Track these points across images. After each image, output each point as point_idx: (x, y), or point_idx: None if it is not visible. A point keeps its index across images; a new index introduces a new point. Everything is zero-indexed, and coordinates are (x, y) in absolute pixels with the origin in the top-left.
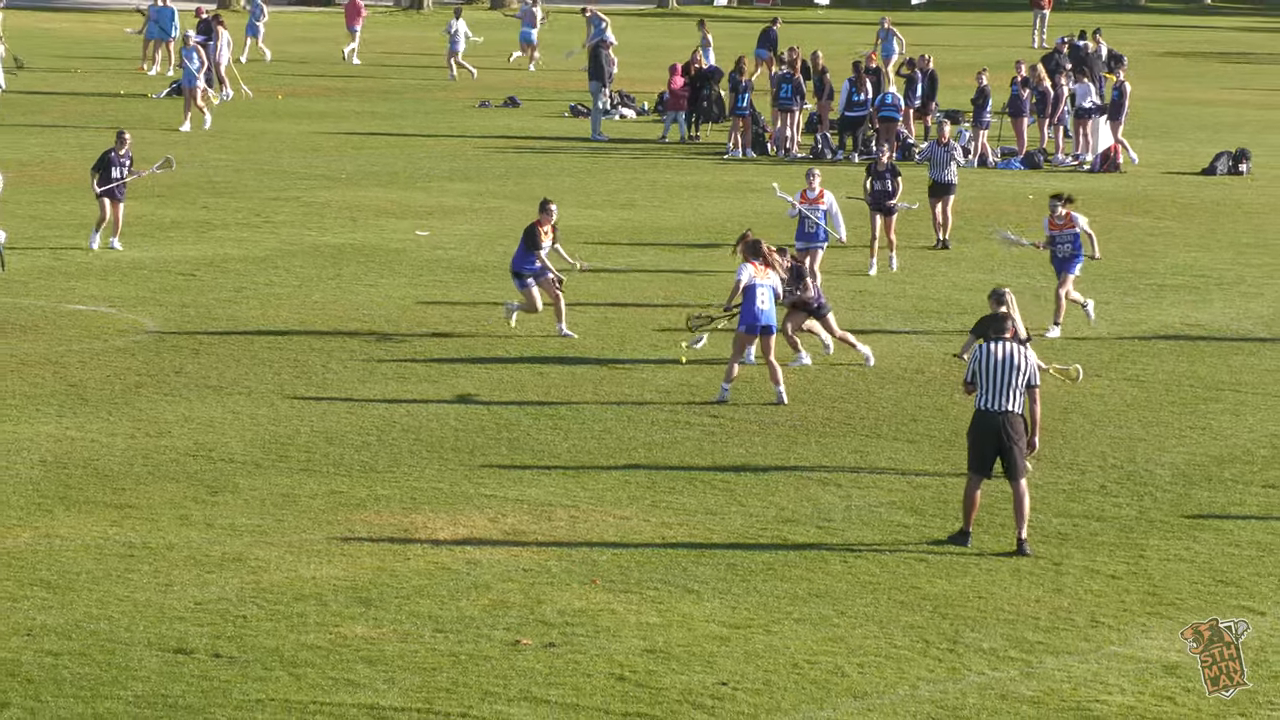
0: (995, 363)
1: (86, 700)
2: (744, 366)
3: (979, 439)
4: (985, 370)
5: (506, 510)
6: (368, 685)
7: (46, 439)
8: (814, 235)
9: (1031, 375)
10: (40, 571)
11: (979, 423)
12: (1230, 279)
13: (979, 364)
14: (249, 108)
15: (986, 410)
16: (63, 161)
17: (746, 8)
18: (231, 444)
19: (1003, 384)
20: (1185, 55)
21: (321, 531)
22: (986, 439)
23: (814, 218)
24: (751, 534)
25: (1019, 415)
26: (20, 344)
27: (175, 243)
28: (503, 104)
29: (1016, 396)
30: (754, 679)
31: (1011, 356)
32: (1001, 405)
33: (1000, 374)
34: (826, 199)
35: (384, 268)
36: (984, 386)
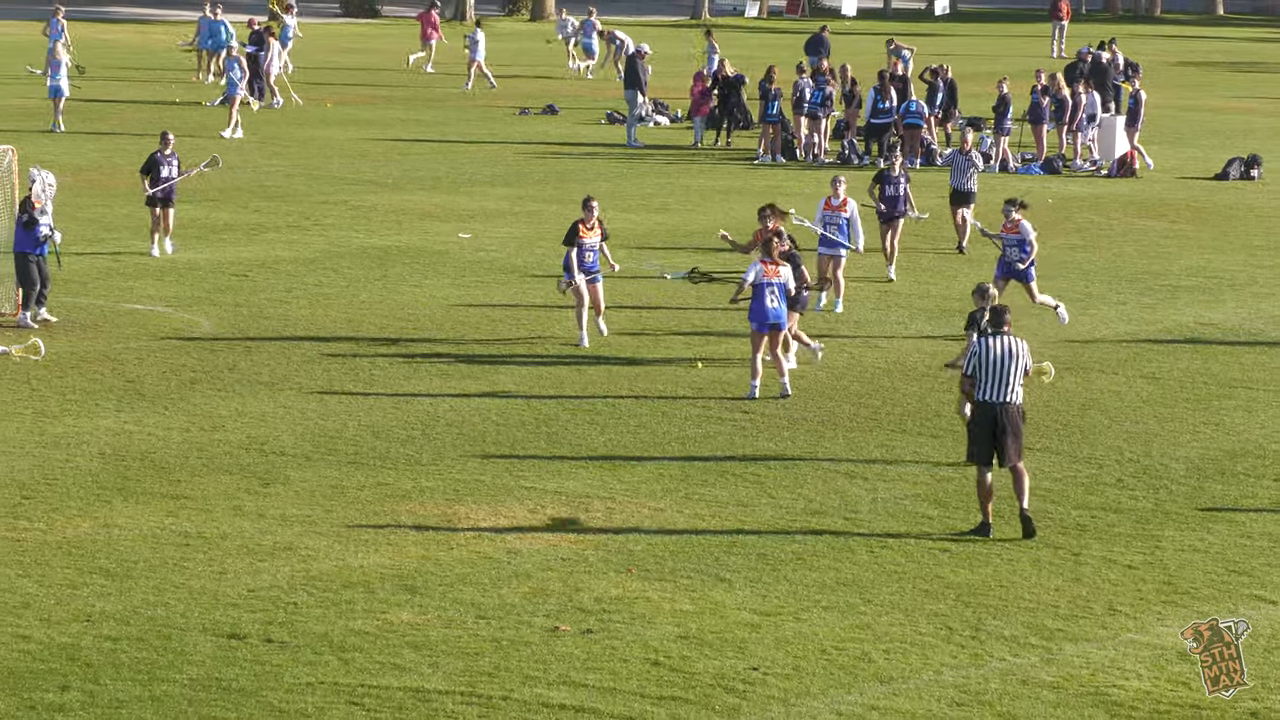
0: (995, 356)
1: (144, 683)
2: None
3: (980, 430)
4: (985, 364)
5: (545, 502)
6: (413, 669)
7: (106, 433)
8: (836, 242)
9: (1026, 365)
10: (99, 560)
11: (980, 414)
12: (1242, 280)
13: (979, 358)
14: (299, 115)
15: (987, 402)
16: (120, 167)
17: (776, 18)
18: (283, 438)
19: (1002, 376)
20: (1198, 64)
21: (369, 521)
22: (986, 429)
23: (837, 224)
24: (781, 525)
25: (1016, 406)
26: (80, 342)
27: (228, 245)
28: (542, 111)
29: (1015, 387)
30: (784, 664)
31: (1011, 349)
32: (1001, 397)
33: (1000, 366)
34: (849, 207)
35: (428, 269)
36: (984, 379)
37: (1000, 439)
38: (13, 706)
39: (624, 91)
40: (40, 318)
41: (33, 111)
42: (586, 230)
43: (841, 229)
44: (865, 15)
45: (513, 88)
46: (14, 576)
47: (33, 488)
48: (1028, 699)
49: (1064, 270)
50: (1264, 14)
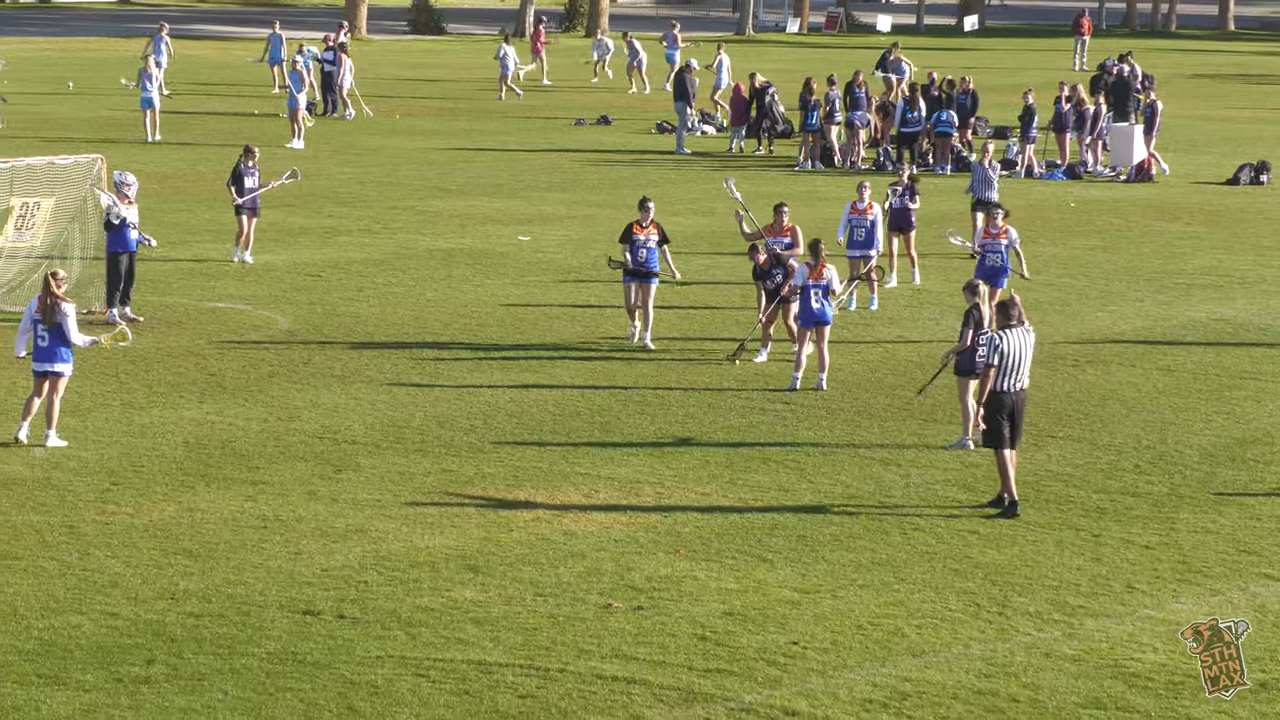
0: (1012, 348)
1: (224, 657)
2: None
3: (999, 416)
4: (1004, 355)
5: (599, 487)
6: (475, 643)
7: (189, 423)
8: (864, 243)
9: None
10: (183, 542)
11: (998, 402)
12: (1252, 278)
13: (998, 351)
14: (369, 126)
15: (1005, 390)
16: (204, 175)
17: (815, 34)
18: (354, 427)
19: (1017, 366)
20: (1211, 77)
21: (434, 505)
22: (1004, 414)
23: (864, 227)
24: (820, 508)
25: (1025, 393)
26: (166, 338)
27: (304, 247)
28: (596, 121)
29: (1026, 376)
30: (822, 639)
31: (1024, 341)
32: (1016, 385)
33: (1016, 357)
34: (875, 210)
35: (489, 269)
36: (1003, 369)
37: (1016, 425)
38: (102, 679)
39: (674, 103)
40: (126, 315)
41: (121, 123)
42: (640, 229)
43: (869, 230)
44: (899, 31)
45: (569, 100)
46: (103, 557)
47: (121, 474)
48: (1051, 671)
49: (1086, 269)
50: (1272, 29)
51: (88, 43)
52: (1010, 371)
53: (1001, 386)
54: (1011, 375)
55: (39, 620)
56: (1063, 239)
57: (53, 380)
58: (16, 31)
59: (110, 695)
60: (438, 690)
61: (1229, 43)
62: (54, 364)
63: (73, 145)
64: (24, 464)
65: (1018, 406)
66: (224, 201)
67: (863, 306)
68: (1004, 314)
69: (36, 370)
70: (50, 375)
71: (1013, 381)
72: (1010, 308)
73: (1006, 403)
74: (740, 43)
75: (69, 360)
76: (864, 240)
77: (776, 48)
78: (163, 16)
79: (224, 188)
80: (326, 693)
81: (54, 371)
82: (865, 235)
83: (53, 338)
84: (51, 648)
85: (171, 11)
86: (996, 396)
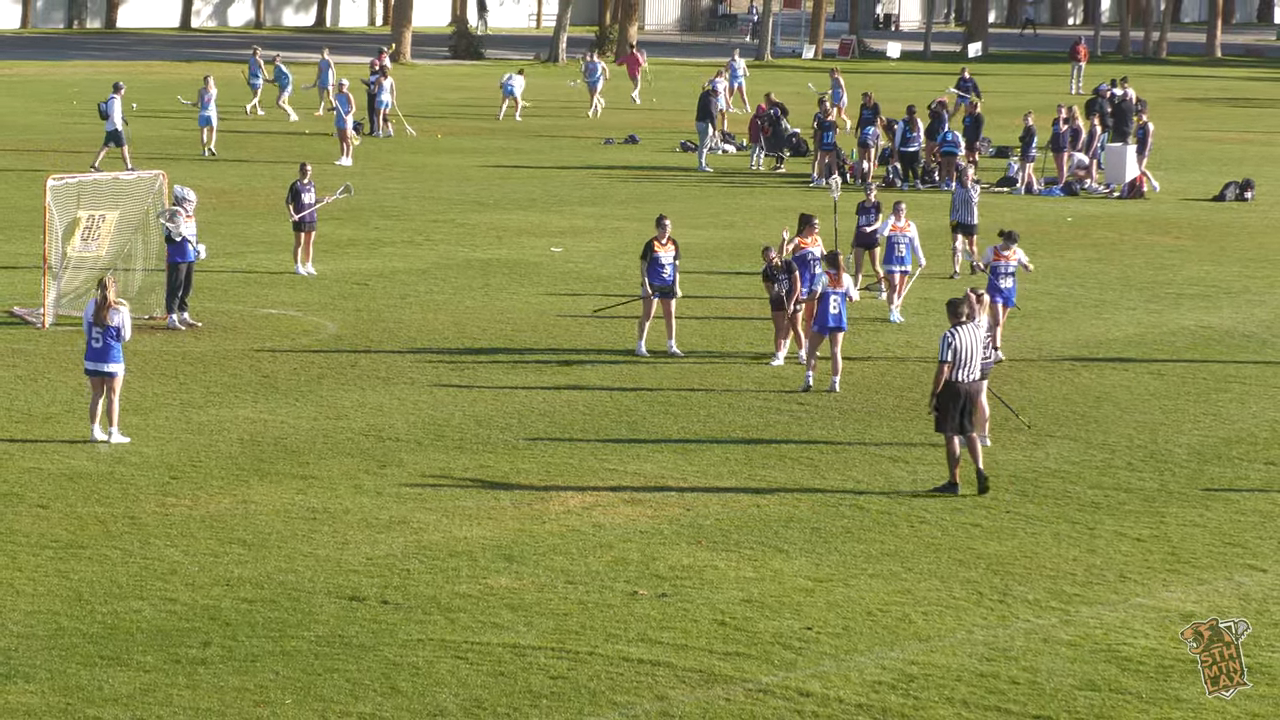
0: (964, 344)
1: (275, 639)
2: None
3: (953, 405)
4: (956, 351)
5: (626, 482)
6: (510, 628)
7: (244, 421)
8: (902, 259)
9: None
10: (238, 532)
11: (952, 391)
12: (1237, 289)
13: (950, 348)
14: (413, 145)
15: (961, 381)
16: (258, 190)
17: (829, 59)
18: (397, 425)
19: (969, 359)
20: (1200, 100)
21: (472, 499)
22: (958, 403)
23: (901, 244)
24: (832, 502)
25: (979, 383)
26: (223, 342)
27: (351, 258)
28: (624, 141)
29: (978, 368)
30: (835, 625)
31: (974, 336)
32: (969, 376)
33: (968, 352)
34: (911, 229)
35: (524, 278)
36: (958, 363)
37: (970, 411)
38: (161, 660)
39: (696, 123)
40: (185, 321)
41: (181, 141)
42: (661, 246)
43: (906, 247)
44: (907, 57)
45: (599, 120)
46: (162, 546)
47: (180, 469)
48: (1048, 655)
49: (1082, 280)
50: (1254, 56)
51: (150, 66)
52: (963, 365)
53: (955, 378)
54: (964, 368)
55: (103, 605)
56: (1060, 251)
57: (109, 380)
58: (84, 55)
59: (169, 675)
60: (475, 671)
61: (1216, 69)
62: (107, 364)
63: (136, 161)
64: (89, 459)
65: (970, 396)
66: (277, 214)
67: (883, 318)
68: (954, 312)
69: (92, 371)
70: (104, 375)
71: (966, 373)
72: (960, 305)
73: (960, 392)
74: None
75: (120, 360)
76: (902, 256)
77: (793, 72)
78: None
79: (278, 202)
80: (371, 673)
81: (107, 371)
82: (904, 252)
83: (106, 339)
84: (114, 631)
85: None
86: (951, 386)
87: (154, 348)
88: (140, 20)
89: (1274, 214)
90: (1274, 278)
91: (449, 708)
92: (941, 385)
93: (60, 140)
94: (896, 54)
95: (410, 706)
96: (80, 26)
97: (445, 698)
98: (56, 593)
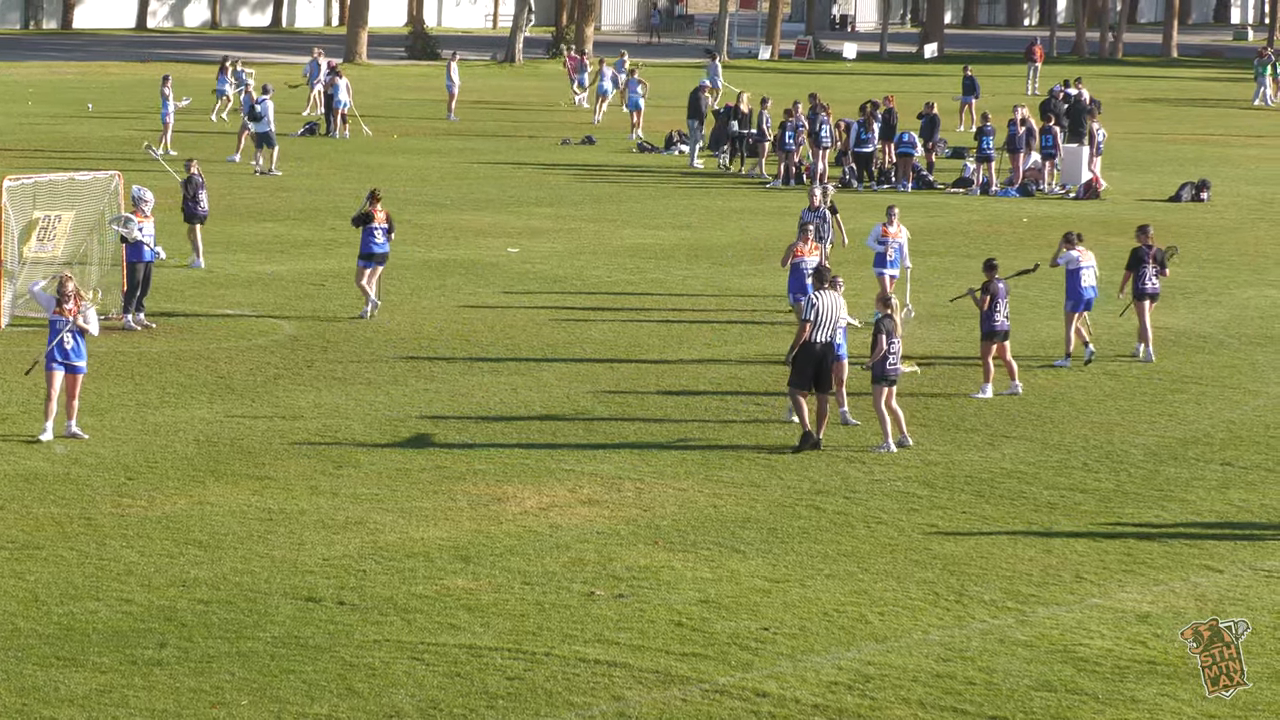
0: (825, 307)
1: (232, 640)
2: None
3: (806, 363)
4: (819, 313)
5: (583, 482)
6: (467, 628)
7: (200, 421)
8: (893, 263)
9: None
10: (194, 533)
11: (809, 350)
12: (1193, 289)
13: (814, 309)
14: (368, 145)
15: (815, 342)
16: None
17: (785, 60)
18: (354, 426)
19: (829, 322)
20: (1156, 101)
21: (428, 500)
22: (811, 363)
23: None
24: (789, 503)
25: (835, 347)
26: (178, 343)
27: (307, 258)
28: (581, 142)
29: (837, 332)
30: (791, 625)
31: (836, 302)
32: (825, 338)
33: (829, 314)
34: (903, 234)
35: (481, 279)
36: (817, 324)
37: (823, 372)
38: (117, 661)
39: (686, 120)
40: (140, 321)
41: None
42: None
43: (897, 252)
44: (864, 58)
45: (555, 120)
46: (118, 547)
47: (135, 469)
48: (1005, 655)
49: (1037, 280)
50: (1212, 56)
51: (106, 67)
52: (823, 326)
53: (814, 338)
54: (823, 330)
55: (58, 606)
56: (1016, 252)
57: (78, 378)
58: (40, 56)
59: (125, 676)
60: (431, 672)
61: (1173, 69)
62: (80, 360)
63: (92, 162)
64: (45, 460)
65: (826, 358)
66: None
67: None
68: (819, 277)
69: (64, 367)
70: (76, 371)
71: (824, 335)
72: (825, 272)
73: (815, 353)
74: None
75: (85, 358)
76: (893, 260)
77: (750, 73)
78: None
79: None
80: (327, 674)
81: (79, 368)
82: (894, 256)
83: (77, 338)
84: (70, 632)
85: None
86: (808, 345)
87: (110, 348)
88: (96, 21)
89: (1229, 215)
90: (1229, 278)
91: (405, 709)
92: (801, 343)
93: (15, 140)
94: (853, 55)
95: (366, 708)
96: (36, 27)
97: (402, 699)
98: (12, 593)
